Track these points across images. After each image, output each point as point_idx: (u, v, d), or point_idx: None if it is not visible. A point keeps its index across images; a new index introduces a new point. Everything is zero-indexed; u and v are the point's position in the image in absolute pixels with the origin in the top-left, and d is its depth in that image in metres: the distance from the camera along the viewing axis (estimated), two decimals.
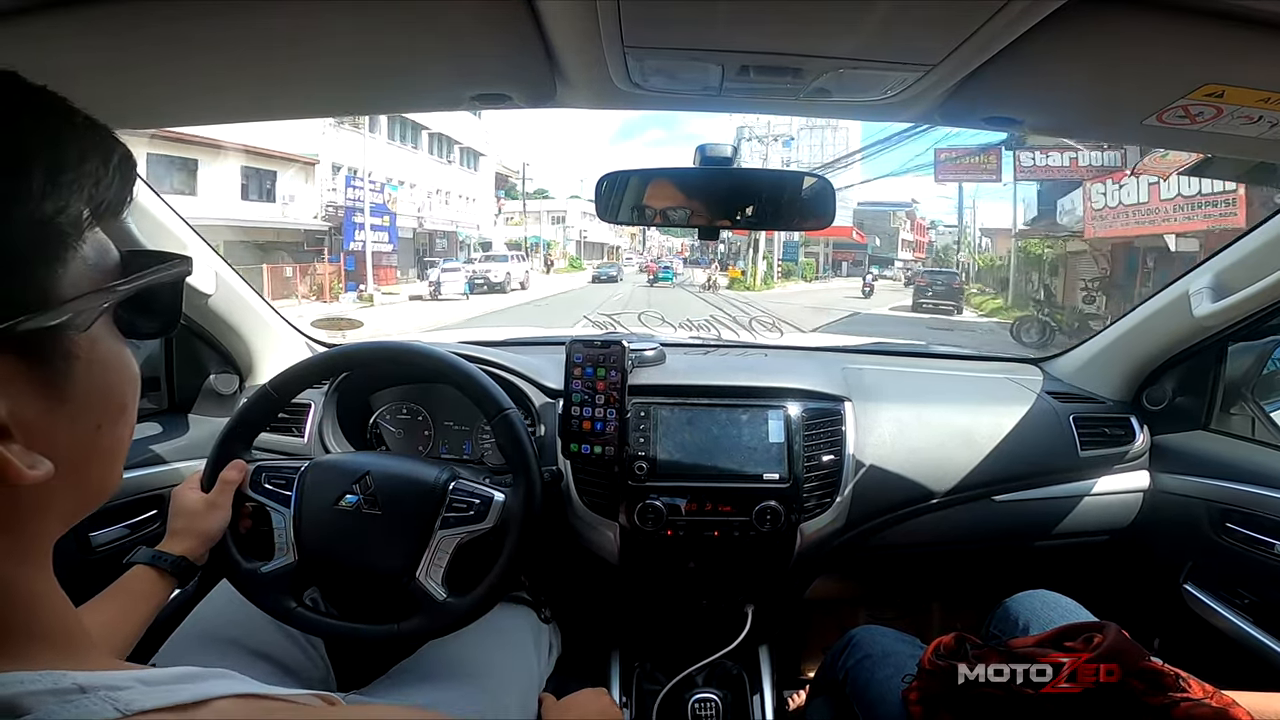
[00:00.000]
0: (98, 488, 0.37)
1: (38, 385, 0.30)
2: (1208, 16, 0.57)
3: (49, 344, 0.30)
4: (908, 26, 0.61)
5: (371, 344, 1.05)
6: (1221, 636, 1.17)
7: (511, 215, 35.41)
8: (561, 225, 40.39)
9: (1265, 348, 1.34)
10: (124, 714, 0.29)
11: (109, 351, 0.34)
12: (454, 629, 0.88)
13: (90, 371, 0.33)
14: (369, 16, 0.63)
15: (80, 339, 0.32)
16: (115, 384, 0.35)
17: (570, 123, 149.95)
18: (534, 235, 34.50)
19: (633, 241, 50.75)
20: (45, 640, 0.33)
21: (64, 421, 0.32)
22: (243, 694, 0.35)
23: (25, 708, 0.27)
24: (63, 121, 0.31)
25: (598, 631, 1.43)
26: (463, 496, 0.90)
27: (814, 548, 1.20)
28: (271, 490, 0.92)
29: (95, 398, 0.34)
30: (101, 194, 0.32)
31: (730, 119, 36.86)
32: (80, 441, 0.33)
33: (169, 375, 1.33)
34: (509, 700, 0.92)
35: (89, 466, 0.35)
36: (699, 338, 1.60)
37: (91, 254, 0.32)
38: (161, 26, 0.62)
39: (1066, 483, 1.33)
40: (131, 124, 0.95)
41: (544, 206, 40.62)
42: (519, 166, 34.54)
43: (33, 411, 0.30)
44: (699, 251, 39.29)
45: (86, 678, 0.30)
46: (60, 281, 0.30)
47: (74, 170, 0.30)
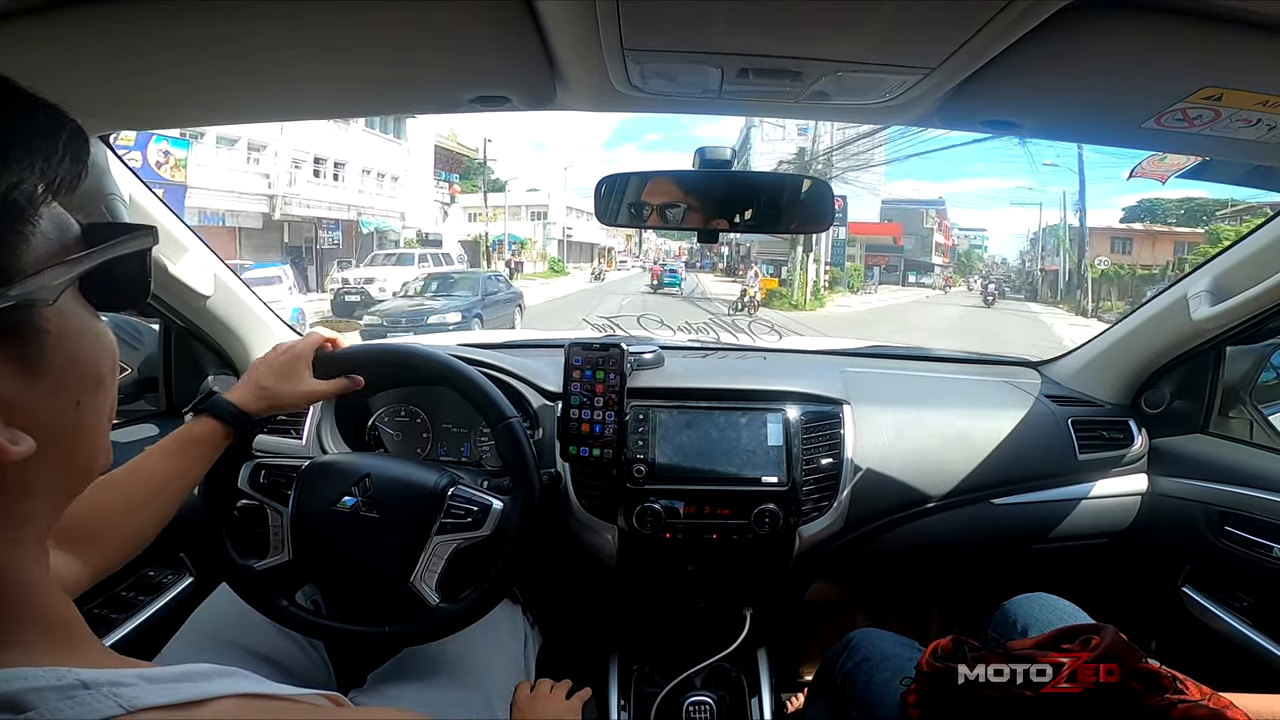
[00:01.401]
0: (84, 466, 0.37)
1: (10, 362, 0.31)
2: (1206, 19, 0.57)
3: (16, 319, 0.31)
4: (907, 30, 0.61)
5: (376, 346, 1.05)
6: (1219, 639, 1.17)
7: (480, 211, 29.02)
8: (543, 222, 33.34)
9: (1263, 351, 1.35)
10: (127, 710, 0.29)
11: (80, 325, 0.35)
12: (444, 634, 0.88)
13: (62, 345, 0.33)
14: (369, 19, 0.63)
15: (48, 313, 0.32)
16: (89, 356, 0.35)
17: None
18: (504, 234, 28.14)
19: (629, 243, 46.60)
20: (42, 629, 0.33)
21: (42, 398, 0.32)
22: (246, 694, 0.35)
23: (28, 704, 0.27)
24: (5, 99, 0.31)
25: (596, 634, 1.43)
26: (461, 503, 0.90)
27: (812, 551, 1.20)
28: (270, 488, 0.92)
29: (70, 372, 0.34)
30: (54, 170, 0.32)
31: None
32: (60, 418, 0.34)
33: (167, 377, 1.33)
34: (499, 700, 0.93)
35: (73, 444, 0.35)
36: (698, 341, 1.59)
37: (51, 229, 0.32)
38: (159, 28, 0.62)
39: (1065, 486, 1.33)
40: (129, 125, 0.95)
41: (523, 201, 33.77)
42: (478, 144, 27.62)
43: (8, 389, 0.30)
44: (698, 255, 37.04)
45: (90, 674, 0.30)
46: (20, 257, 0.30)
47: (22, 147, 0.30)
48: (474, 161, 29.59)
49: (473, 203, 29.67)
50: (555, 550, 1.24)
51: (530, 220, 32.99)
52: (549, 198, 34.32)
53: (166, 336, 1.33)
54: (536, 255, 31.31)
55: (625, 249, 45.43)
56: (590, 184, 1.06)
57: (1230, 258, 1.14)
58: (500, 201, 30.03)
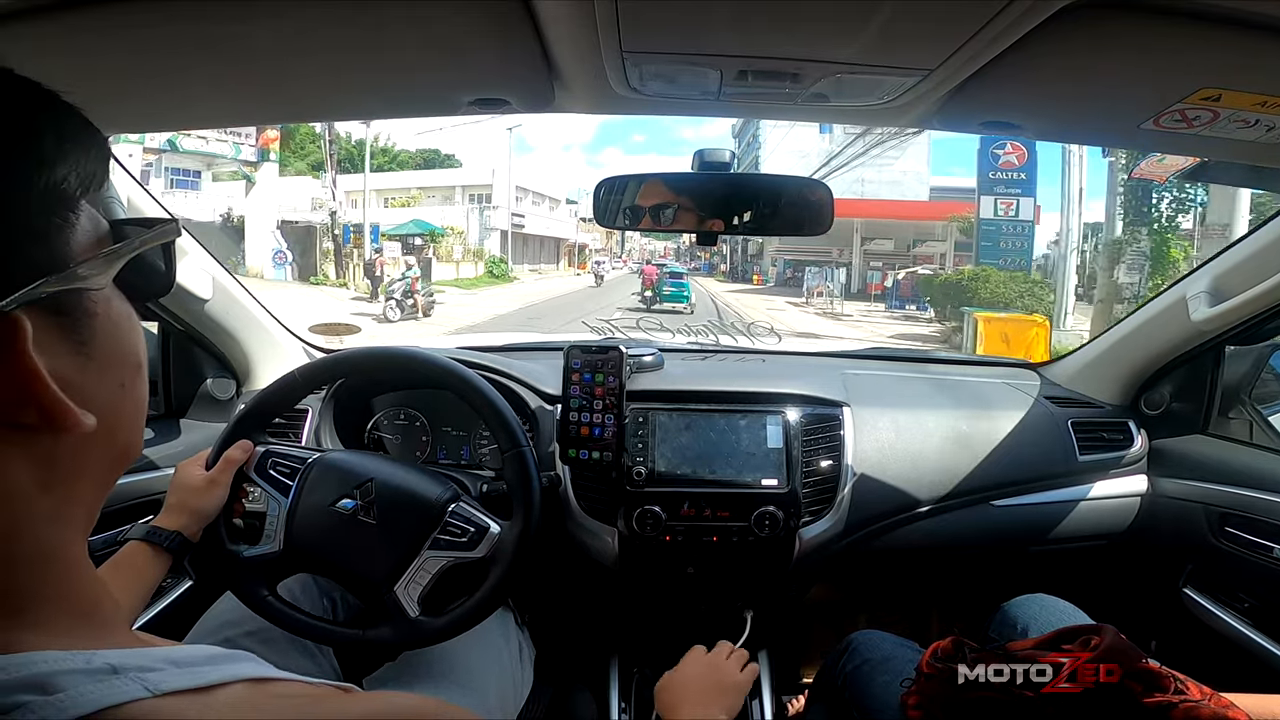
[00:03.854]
0: (124, 448, 0.38)
1: (69, 344, 0.32)
2: (1204, 20, 0.57)
3: (71, 303, 0.33)
4: (905, 31, 0.61)
5: (388, 350, 1.05)
6: (1220, 640, 1.17)
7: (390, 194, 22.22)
8: (480, 207, 24.89)
9: (1262, 352, 1.35)
10: (152, 694, 0.30)
11: (120, 311, 0.37)
12: (420, 646, 0.88)
13: (108, 328, 0.35)
14: (367, 21, 0.63)
15: (96, 298, 0.34)
16: (130, 340, 0.37)
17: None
18: (377, 222, 19.32)
19: (609, 242, 39.92)
20: (78, 613, 0.34)
21: (94, 378, 0.34)
22: (259, 678, 0.35)
23: (57, 686, 0.28)
24: (49, 98, 0.34)
25: (596, 636, 1.42)
26: (459, 521, 0.89)
27: (813, 553, 1.20)
28: (274, 478, 0.92)
29: (116, 355, 0.36)
30: (89, 165, 0.34)
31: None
32: (109, 399, 0.35)
33: (166, 380, 1.33)
34: (495, 703, 0.93)
35: (118, 424, 0.36)
36: (698, 343, 1.60)
37: (88, 224, 0.34)
38: (155, 30, 0.62)
39: (1065, 487, 1.34)
40: (128, 127, 0.95)
41: (458, 180, 25.45)
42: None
43: (69, 369, 0.32)
44: (686, 256, 34.02)
45: (119, 656, 0.31)
46: (70, 245, 0.32)
47: (71, 140, 0.33)
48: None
49: (385, 185, 23.13)
50: (555, 554, 1.24)
51: (468, 204, 25.19)
52: (492, 175, 25.66)
53: (165, 340, 1.32)
54: (464, 252, 22.97)
55: (605, 248, 39.26)
56: (551, 157, 1.01)
57: (1229, 259, 1.14)
58: (435, 182, 23.46)
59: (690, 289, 16.97)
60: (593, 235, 36.29)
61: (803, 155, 23.99)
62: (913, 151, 22.74)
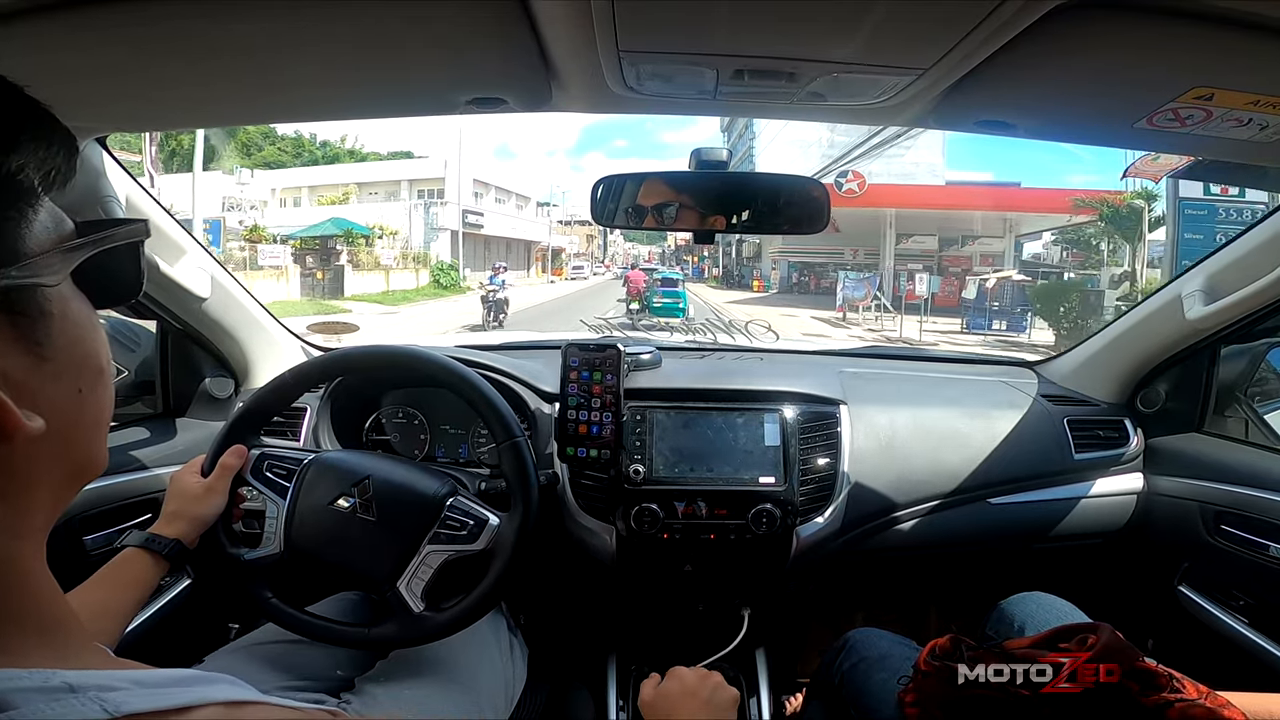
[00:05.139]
0: (84, 458, 0.37)
1: (18, 341, 0.31)
2: (1197, 19, 0.58)
3: (23, 299, 0.32)
4: (900, 31, 0.61)
5: (383, 349, 1.05)
6: (1216, 638, 1.18)
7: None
8: (427, 203, 22.06)
9: (1257, 350, 1.35)
10: (112, 715, 0.29)
11: (79, 312, 0.36)
12: (425, 641, 0.88)
13: (65, 329, 0.34)
14: (364, 20, 0.64)
15: (52, 296, 0.33)
16: (90, 344, 0.36)
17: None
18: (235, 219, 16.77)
19: (589, 246, 37.46)
20: (38, 630, 0.33)
21: (48, 381, 0.33)
22: (233, 700, 0.34)
23: (8, 704, 0.27)
24: (8, 90, 0.33)
25: (593, 634, 1.43)
26: (458, 515, 0.89)
27: (810, 550, 1.20)
28: (271, 480, 0.92)
29: (74, 357, 0.35)
30: (50, 161, 0.33)
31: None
32: (64, 404, 0.34)
33: (164, 379, 1.33)
34: (485, 702, 0.94)
35: (75, 432, 0.35)
36: (695, 342, 1.60)
37: (48, 221, 0.34)
38: (155, 29, 0.62)
39: (1061, 485, 1.34)
40: (125, 127, 0.95)
41: (403, 174, 22.64)
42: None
43: (18, 368, 0.31)
44: (672, 259, 32.22)
45: (77, 677, 0.30)
46: (24, 240, 0.32)
47: (28, 133, 0.32)
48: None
49: (319, 180, 19.98)
50: (552, 551, 1.24)
51: (415, 199, 22.37)
52: (445, 168, 22.67)
53: (163, 339, 1.32)
54: (400, 255, 20.11)
55: (585, 252, 35.98)
56: (534, 162, 1.00)
57: (1223, 257, 1.15)
58: (370, 177, 19.73)
59: (687, 299, 14.64)
60: (570, 239, 33.60)
61: (804, 146, 23.34)
62: (924, 140, 20.48)
